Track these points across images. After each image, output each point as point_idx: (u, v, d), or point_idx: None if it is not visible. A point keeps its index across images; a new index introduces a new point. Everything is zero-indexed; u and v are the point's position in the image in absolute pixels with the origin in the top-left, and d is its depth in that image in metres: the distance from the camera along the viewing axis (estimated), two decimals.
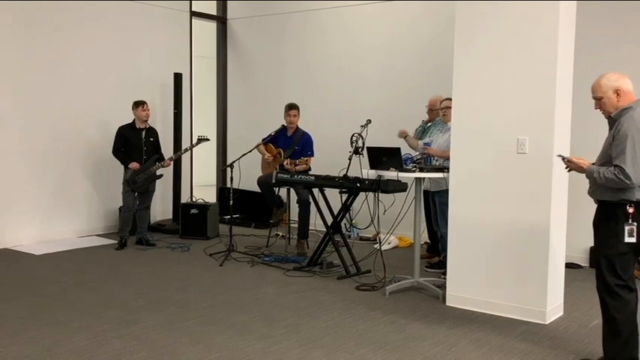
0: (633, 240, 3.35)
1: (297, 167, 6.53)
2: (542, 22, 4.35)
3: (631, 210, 3.35)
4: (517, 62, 4.46)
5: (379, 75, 7.75)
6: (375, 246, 6.28)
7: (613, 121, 3.48)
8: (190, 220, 7.50)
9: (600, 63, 5.44)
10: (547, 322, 4.44)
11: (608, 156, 3.41)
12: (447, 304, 4.85)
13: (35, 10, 6.99)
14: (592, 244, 5.72)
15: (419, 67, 7.41)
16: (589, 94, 3.59)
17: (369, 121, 5.71)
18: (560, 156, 3.68)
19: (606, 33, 6.03)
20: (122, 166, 6.96)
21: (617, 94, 3.45)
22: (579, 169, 3.54)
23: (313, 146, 6.82)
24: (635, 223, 3.34)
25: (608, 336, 3.53)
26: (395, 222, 5.43)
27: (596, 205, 3.59)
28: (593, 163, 3.53)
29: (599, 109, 3.56)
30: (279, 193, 7.15)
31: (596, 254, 3.59)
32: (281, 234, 7.45)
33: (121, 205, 7.06)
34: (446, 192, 4.95)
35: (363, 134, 5.53)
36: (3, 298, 4.93)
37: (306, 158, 6.59)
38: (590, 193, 3.56)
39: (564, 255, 4.72)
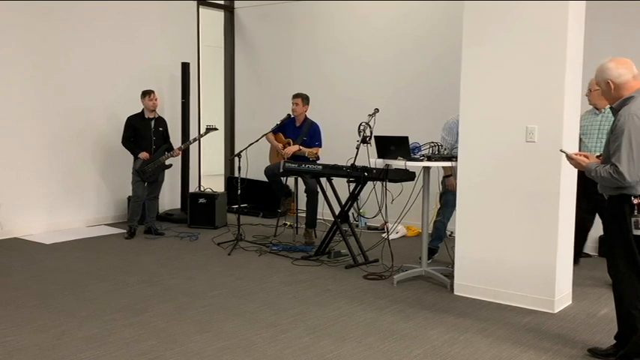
0: (639, 232, 3.26)
1: (306, 152, 6.54)
2: (553, 10, 4.31)
3: (636, 201, 3.27)
4: (527, 49, 4.42)
5: (388, 64, 7.71)
6: (383, 235, 6.27)
7: (615, 112, 3.37)
8: (199, 210, 7.52)
9: (609, 51, 5.38)
10: (555, 311, 4.43)
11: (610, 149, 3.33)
12: (455, 293, 4.85)
13: (45, 3, 7.00)
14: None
15: (428, 53, 7.36)
16: None
17: (376, 110, 5.69)
18: (562, 151, 3.62)
19: (616, 21, 5.97)
20: (131, 156, 6.98)
21: (611, 86, 3.34)
22: (579, 166, 3.48)
23: (321, 136, 6.80)
24: None
25: (624, 331, 3.46)
26: (403, 211, 5.42)
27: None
28: (600, 156, 3.49)
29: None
30: (287, 183, 7.15)
31: (609, 250, 3.52)
32: (289, 223, 7.47)
33: (130, 194, 7.10)
34: None
35: (371, 123, 5.51)
36: (13, 286, 4.97)
37: (315, 150, 6.61)
38: (600, 189, 3.52)
39: (572, 244, 4.70)
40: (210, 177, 9.89)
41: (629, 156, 3.20)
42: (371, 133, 5.46)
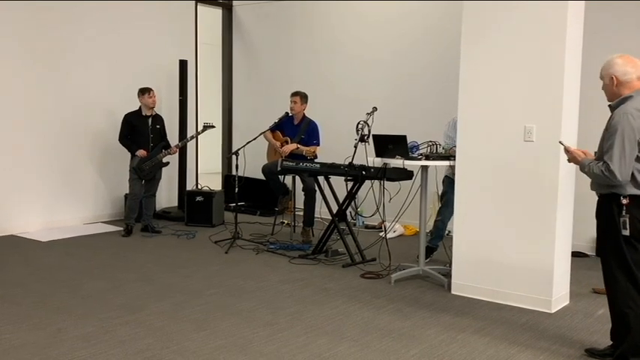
0: (627, 233, 3.27)
1: (304, 151, 6.49)
2: (552, 9, 4.30)
3: (625, 201, 3.27)
4: (525, 48, 4.42)
5: (387, 62, 7.70)
6: (381, 234, 6.27)
7: (612, 110, 3.36)
8: (196, 208, 7.51)
9: (609, 50, 5.39)
10: (552, 311, 4.43)
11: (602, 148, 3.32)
12: (452, 292, 4.85)
13: (44, 3, 6.98)
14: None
15: (427, 52, 7.35)
16: (596, 83, 3.54)
17: (374, 109, 5.67)
18: (561, 143, 3.63)
19: (616, 21, 5.97)
20: (128, 154, 6.96)
21: (614, 82, 3.33)
22: (575, 160, 3.47)
23: (319, 135, 6.79)
24: (628, 215, 3.26)
25: (618, 330, 3.46)
26: (400, 210, 5.41)
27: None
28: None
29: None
30: (285, 181, 7.15)
31: (601, 248, 3.53)
32: (286, 222, 7.46)
33: (127, 192, 7.08)
34: None
35: (369, 122, 5.50)
36: (9, 284, 4.96)
37: (313, 148, 6.59)
38: (591, 187, 3.51)
39: (570, 243, 4.70)
40: (208, 175, 9.88)
41: (622, 155, 3.20)
42: (369, 131, 5.46)
